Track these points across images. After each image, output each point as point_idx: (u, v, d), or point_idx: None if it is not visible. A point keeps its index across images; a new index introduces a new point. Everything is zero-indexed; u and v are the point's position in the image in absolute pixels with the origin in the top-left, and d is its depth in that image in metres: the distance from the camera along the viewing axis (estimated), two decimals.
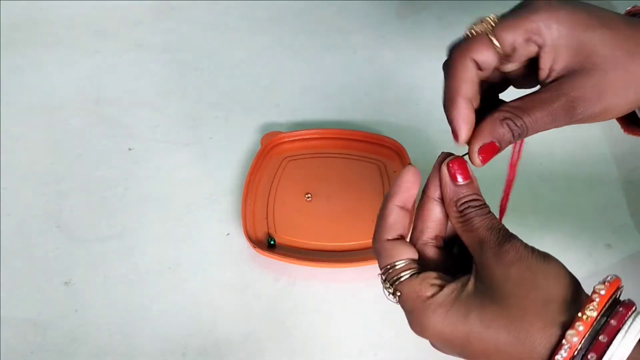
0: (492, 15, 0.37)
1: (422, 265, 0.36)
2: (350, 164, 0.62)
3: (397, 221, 0.36)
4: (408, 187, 0.36)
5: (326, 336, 0.52)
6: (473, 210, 0.35)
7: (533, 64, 0.37)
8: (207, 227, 0.59)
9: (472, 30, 0.37)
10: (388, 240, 0.36)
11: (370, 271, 0.55)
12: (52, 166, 0.65)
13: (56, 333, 0.53)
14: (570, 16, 0.35)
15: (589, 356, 0.30)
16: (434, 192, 0.37)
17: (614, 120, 0.62)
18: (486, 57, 0.35)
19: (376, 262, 0.43)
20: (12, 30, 0.80)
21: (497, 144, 0.36)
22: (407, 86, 0.72)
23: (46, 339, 0.52)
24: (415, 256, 0.36)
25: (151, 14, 0.82)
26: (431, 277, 0.34)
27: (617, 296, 0.33)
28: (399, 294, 0.35)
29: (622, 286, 0.33)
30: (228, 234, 0.59)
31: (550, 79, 0.36)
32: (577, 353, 0.30)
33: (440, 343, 0.34)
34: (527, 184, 0.61)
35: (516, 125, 0.36)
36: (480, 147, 0.36)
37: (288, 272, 0.55)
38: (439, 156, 0.37)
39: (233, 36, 0.79)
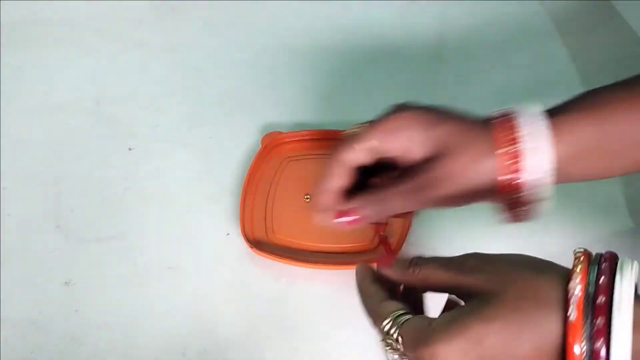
0: (362, 123, 0.45)
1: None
2: None
3: (377, 290, 0.40)
4: (365, 280, 0.42)
5: (326, 336, 0.52)
6: (425, 261, 0.39)
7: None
8: (207, 227, 0.59)
9: (345, 133, 0.45)
10: (376, 303, 0.39)
11: None
12: (52, 166, 0.65)
13: (56, 333, 0.53)
14: (423, 115, 0.42)
15: (596, 321, 0.31)
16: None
17: None
18: (352, 157, 0.43)
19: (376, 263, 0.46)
20: (12, 30, 0.80)
21: (357, 210, 0.44)
22: (407, 86, 0.72)
23: (46, 339, 0.52)
24: (404, 308, 0.38)
25: (152, 14, 0.83)
26: (425, 316, 0.36)
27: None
28: (400, 338, 0.35)
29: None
30: (228, 234, 0.59)
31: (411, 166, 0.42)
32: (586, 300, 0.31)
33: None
34: None
35: (375, 197, 0.43)
36: (339, 210, 0.44)
37: (288, 273, 0.55)
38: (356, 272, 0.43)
39: (233, 36, 0.79)
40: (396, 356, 0.36)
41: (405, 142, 0.42)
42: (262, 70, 0.75)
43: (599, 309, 0.31)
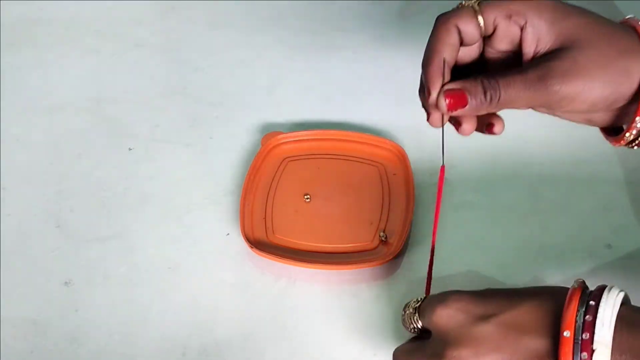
0: None
1: None
2: (351, 166, 0.62)
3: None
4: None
5: (326, 336, 0.52)
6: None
7: (517, 56, 0.38)
8: (207, 227, 0.59)
9: (460, 4, 0.38)
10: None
11: (370, 273, 0.55)
12: (52, 166, 0.65)
13: (56, 333, 0.53)
14: (551, 4, 0.36)
15: (586, 318, 0.33)
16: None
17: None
18: (469, 27, 0.37)
19: (375, 263, 0.51)
20: (12, 30, 0.80)
21: (466, 92, 0.37)
22: (408, 86, 0.72)
23: (46, 339, 0.52)
24: None
25: (151, 14, 0.83)
26: None
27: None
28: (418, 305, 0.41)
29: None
30: (228, 234, 0.59)
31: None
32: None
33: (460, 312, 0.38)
34: (527, 184, 0.61)
35: (489, 82, 0.36)
36: (448, 90, 0.37)
37: (288, 273, 0.55)
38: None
39: (233, 36, 0.79)
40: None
41: (528, 27, 0.36)
42: (262, 70, 0.75)
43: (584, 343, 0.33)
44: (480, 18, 0.37)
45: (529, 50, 0.37)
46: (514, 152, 0.64)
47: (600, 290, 0.35)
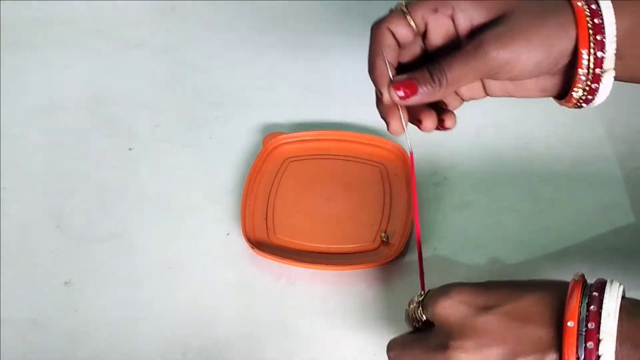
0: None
1: None
2: (352, 167, 0.62)
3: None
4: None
5: (326, 336, 0.52)
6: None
7: (459, 44, 0.39)
8: (207, 227, 0.59)
9: (390, 9, 0.41)
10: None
11: (371, 273, 0.55)
12: (52, 166, 0.65)
13: (56, 333, 0.53)
14: None
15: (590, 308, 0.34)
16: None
17: (615, 120, 0.62)
18: (401, 29, 0.39)
19: (377, 264, 0.52)
20: (12, 30, 0.80)
21: (415, 82, 0.38)
22: None
23: (46, 339, 0.52)
24: None
25: (151, 14, 0.83)
26: None
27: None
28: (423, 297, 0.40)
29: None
30: (228, 234, 0.59)
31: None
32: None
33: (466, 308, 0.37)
34: (527, 184, 0.61)
35: (433, 66, 0.38)
36: (397, 82, 0.39)
37: (288, 273, 0.55)
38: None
39: (233, 36, 0.79)
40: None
41: (457, 13, 0.38)
42: (262, 70, 0.75)
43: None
44: (409, 18, 0.39)
45: (464, 33, 0.39)
46: (514, 152, 0.64)
47: (601, 283, 0.36)
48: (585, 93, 0.39)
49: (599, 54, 0.37)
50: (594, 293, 0.35)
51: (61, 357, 0.51)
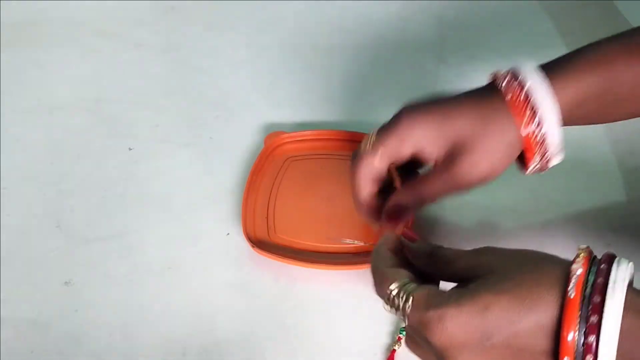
0: (372, 132, 0.47)
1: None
2: None
3: (391, 257, 0.41)
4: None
5: (326, 336, 0.52)
6: (445, 250, 0.40)
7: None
8: (207, 227, 0.59)
9: (361, 149, 0.47)
10: (387, 267, 0.40)
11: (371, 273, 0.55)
12: (52, 166, 0.65)
13: (56, 333, 0.53)
14: (426, 117, 0.44)
15: (594, 299, 0.32)
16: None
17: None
18: (375, 167, 0.46)
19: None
20: (12, 30, 0.80)
21: (401, 203, 0.47)
22: (407, 86, 0.72)
23: (46, 339, 0.52)
24: (413, 278, 0.39)
25: (151, 14, 0.83)
26: (435, 288, 0.37)
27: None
28: (410, 301, 0.36)
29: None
30: (228, 234, 0.59)
31: (437, 164, 0.46)
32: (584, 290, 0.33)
33: (458, 336, 0.34)
34: (527, 184, 0.61)
35: (415, 189, 0.46)
36: (387, 210, 0.47)
37: (288, 272, 0.55)
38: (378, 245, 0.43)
39: (233, 36, 0.79)
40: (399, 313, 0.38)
41: (418, 145, 0.45)
42: (262, 70, 0.75)
43: (596, 288, 0.33)
44: (378, 158, 0.46)
45: (427, 159, 0.46)
46: None
47: (599, 306, 0.33)
48: (539, 170, 0.47)
49: (545, 154, 0.45)
50: (592, 319, 0.32)
51: (61, 357, 0.51)
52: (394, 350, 0.50)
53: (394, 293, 0.37)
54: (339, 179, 0.61)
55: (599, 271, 0.33)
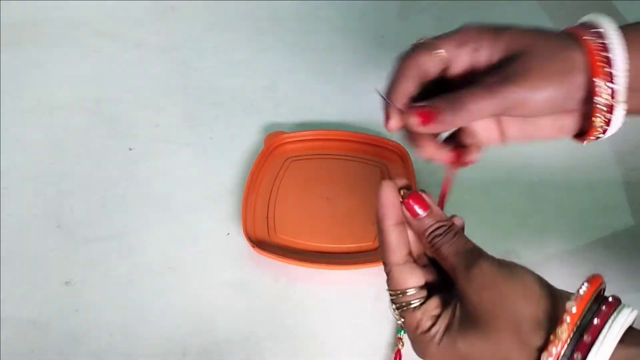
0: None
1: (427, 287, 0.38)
2: (353, 166, 0.63)
3: (399, 240, 0.38)
4: (393, 203, 0.38)
5: (326, 336, 0.52)
6: (439, 238, 0.37)
7: (472, 75, 0.40)
8: (207, 227, 0.59)
9: (417, 40, 0.41)
10: (397, 264, 0.38)
11: (371, 273, 0.55)
12: (52, 166, 0.65)
13: (56, 333, 0.53)
14: (490, 26, 0.40)
15: (574, 356, 0.31)
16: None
17: None
18: (429, 63, 0.40)
19: (376, 264, 0.49)
20: (12, 30, 0.80)
21: (433, 108, 0.38)
22: None
23: (46, 339, 0.52)
24: (422, 281, 0.38)
25: (151, 14, 0.83)
26: (431, 309, 0.36)
27: (602, 292, 0.34)
28: (402, 319, 0.37)
29: (604, 284, 0.34)
30: (228, 234, 0.59)
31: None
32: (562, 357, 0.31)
33: None
34: (527, 184, 0.61)
35: (454, 96, 0.38)
36: (416, 107, 0.39)
37: (288, 272, 0.55)
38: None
39: (233, 36, 0.79)
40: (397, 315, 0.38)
41: (476, 45, 0.39)
42: (262, 70, 0.75)
43: (582, 344, 0.31)
44: (438, 52, 0.40)
45: (482, 67, 0.40)
46: (514, 152, 0.64)
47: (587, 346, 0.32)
48: (603, 123, 0.40)
49: (610, 85, 0.37)
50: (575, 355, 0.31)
51: (61, 357, 0.51)
52: (399, 350, 0.50)
53: (391, 300, 0.38)
54: (339, 179, 0.61)
55: (589, 328, 0.32)
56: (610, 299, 0.32)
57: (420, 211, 0.38)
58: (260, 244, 0.56)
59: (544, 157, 0.64)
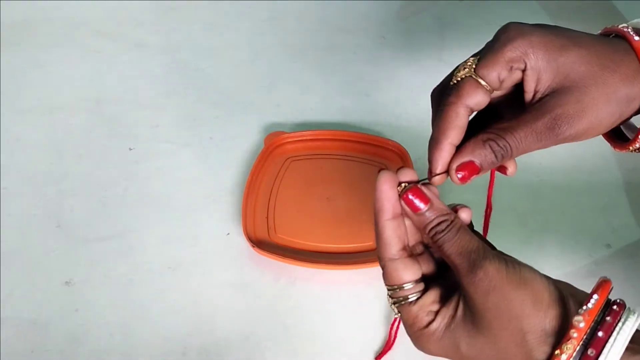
0: (471, 58, 0.38)
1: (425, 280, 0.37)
2: (353, 166, 0.63)
3: (393, 234, 0.36)
4: (389, 197, 0.36)
5: (326, 336, 0.52)
6: (441, 235, 0.35)
7: (519, 90, 0.38)
8: (207, 227, 0.59)
9: (458, 77, 0.38)
10: (391, 259, 0.36)
11: (371, 273, 0.55)
12: (52, 166, 0.65)
13: (56, 333, 0.53)
14: (543, 39, 0.36)
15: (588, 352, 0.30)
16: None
17: None
18: (477, 99, 0.37)
19: (376, 264, 0.45)
20: (12, 30, 0.80)
21: (477, 163, 0.36)
22: (407, 86, 0.72)
23: (46, 338, 0.52)
24: (418, 275, 0.36)
25: (151, 14, 0.83)
26: (429, 303, 0.35)
27: (609, 299, 0.33)
28: (399, 314, 0.37)
29: (611, 287, 0.33)
30: (228, 234, 0.59)
31: (535, 101, 0.37)
32: None
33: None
34: (527, 184, 0.61)
35: (499, 145, 0.36)
36: (459, 164, 0.37)
37: (288, 272, 0.55)
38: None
39: (233, 36, 0.79)
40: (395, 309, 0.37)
41: (528, 69, 0.36)
42: (262, 70, 0.75)
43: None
44: (485, 85, 0.37)
45: (529, 88, 0.37)
46: None
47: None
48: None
49: None
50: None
51: (61, 357, 0.51)
52: (396, 319, 0.49)
53: (388, 294, 0.37)
54: (339, 179, 0.61)
55: (594, 341, 0.31)
56: (615, 307, 0.31)
57: (420, 205, 0.36)
58: (260, 244, 0.56)
59: (544, 157, 0.64)
